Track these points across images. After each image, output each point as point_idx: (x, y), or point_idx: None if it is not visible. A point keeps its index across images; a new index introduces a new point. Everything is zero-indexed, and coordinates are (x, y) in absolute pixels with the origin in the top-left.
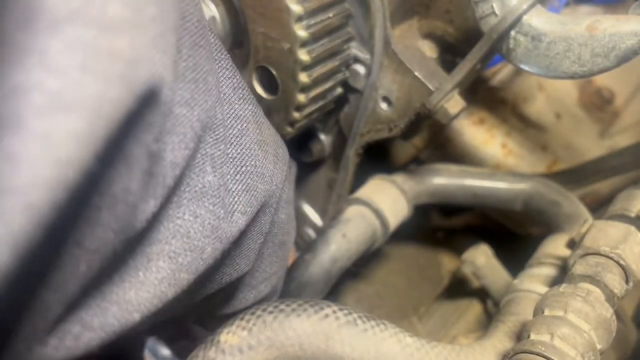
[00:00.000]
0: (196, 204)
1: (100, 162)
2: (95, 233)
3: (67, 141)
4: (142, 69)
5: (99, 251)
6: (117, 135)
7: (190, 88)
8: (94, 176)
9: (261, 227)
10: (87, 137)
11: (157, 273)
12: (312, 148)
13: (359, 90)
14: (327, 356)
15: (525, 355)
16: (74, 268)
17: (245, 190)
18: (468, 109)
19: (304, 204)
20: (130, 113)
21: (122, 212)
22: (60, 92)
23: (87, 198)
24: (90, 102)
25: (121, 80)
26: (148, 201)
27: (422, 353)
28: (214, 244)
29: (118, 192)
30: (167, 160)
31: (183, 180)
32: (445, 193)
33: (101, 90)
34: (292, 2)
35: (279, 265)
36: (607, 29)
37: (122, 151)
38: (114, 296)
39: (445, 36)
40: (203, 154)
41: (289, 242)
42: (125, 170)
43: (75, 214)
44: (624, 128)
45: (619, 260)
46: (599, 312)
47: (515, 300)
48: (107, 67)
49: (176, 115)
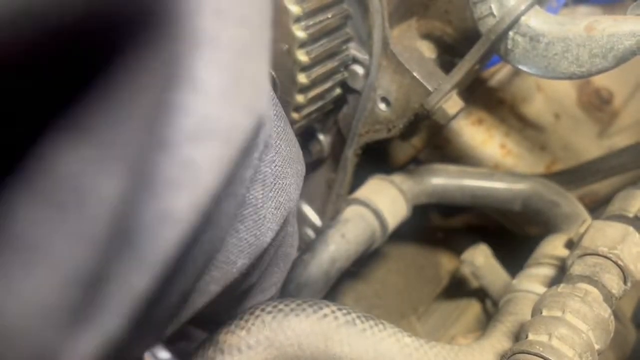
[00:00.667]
0: (240, 220)
1: (225, 185)
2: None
3: (209, 168)
4: (261, 97)
5: (191, 278)
6: (237, 163)
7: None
8: (217, 201)
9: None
10: (224, 163)
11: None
12: (311, 148)
13: (357, 90)
14: (326, 356)
15: (524, 355)
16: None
17: (275, 208)
18: (466, 109)
19: (303, 204)
20: (248, 142)
21: (217, 237)
22: (208, 119)
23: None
24: (227, 127)
25: (249, 109)
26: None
27: (420, 353)
28: (244, 259)
29: (221, 217)
30: (245, 181)
31: (243, 199)
32: (444, 193)
33: (234, 116)
34: (291, 3)
35: (279, 276)
36: (605, 29)
37: (232, 178)
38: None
39: (444, 37)
40: (261, 171)
41: (292, 255)
42: (231, 196)
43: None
44: (623, 128)
45: (617, 260)
46: (596, 312)
47: (514, 300)
48: (241, 92)
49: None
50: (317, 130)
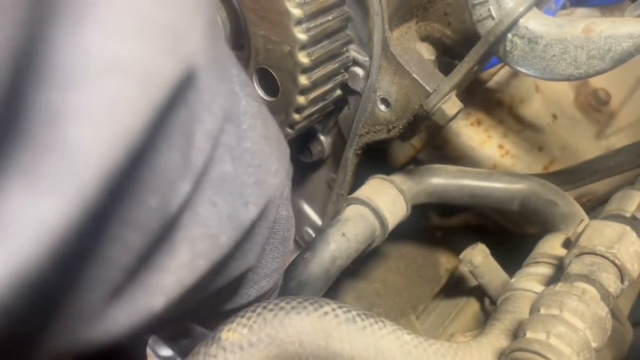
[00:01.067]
0: (215, 193)
1: (151, 131)
2: (140, 209)
3: (127, 104)
4: (186, 44)
5: (142, 230)
6: (164, 107)
7: (215, 77)
8: (145, 145)
9: (268, 222)
10: (144, 103)
11: (178, 259)
12: (311, 149)
13: (358, 92)
14: (326, 353)
15: (522, 353)
16: (121, 245)
17: (256, 183)
18: (465, 110)
19: (303, 204)
20: (175, 86)
21: (163, 191)
22: (118, 57)
23: (138, 170)
24: (144, 68)
25: (169, 52)
26: (183, 184)
27: (420, 350)
28: (228, 232)
29: (160, 168)
30: (196, 145)
31: (207, 169)
32: (444, 193)
33: (153, 59)
34: (292, 6)
35: (280, 262)
36: (603, 31)
37: (166, 126)
38: (142, 280)
39: (443, 38)
40: (223, 143)
41: (289, 239)
42: (167, 146)
43: (127, 182)
44: (620, 129)
45: (614, 259)
46: (594, 311)
47: (512, 298)
48: (157, 36)
49: (206, 102)
50: (317, 131)
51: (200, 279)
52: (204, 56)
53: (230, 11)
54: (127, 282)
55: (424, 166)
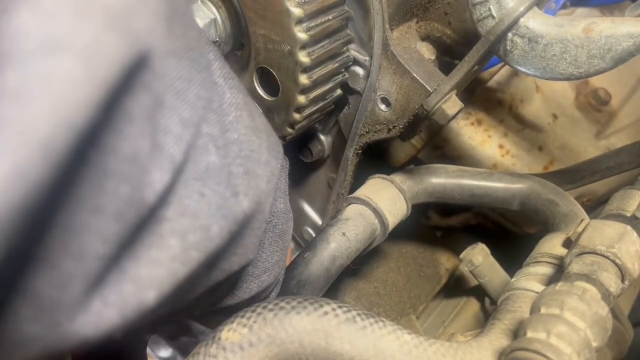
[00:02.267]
0: (202, 184)
1: (102, 112)
2: (108, 196)
3: (66, 82)
4: (134, 24)
5: (114, 218)
6: (116, 87)
7: (186, 65)
8: (98, 127)
9: (263, 214)
10: (86, 80)
11: (168, 251)
12: (312, 148)
13: (358, 91)
14: (326, 353)
15: (522, 352)
16: (93, 233)
17: (245, 174)
18: (466, 109)
19: (304, 204)
20: (125, 67)
21: (132, 176)
22: (53, 36)
23: (96, 152)
24: (85, 47)
25: (114, 31)
26: (156, 171)
27: (420, 350)
28: (219, 222)
29: (125, 153)
30: (171, 132)
31: (189, 159)
32: (444, 192)
33: (96, 37)
34: (293, 5)
35: (280, 255)
36: (603, 30)
37: (122, 107)
38: (130, 273)
39: (444, 38)
40: (206, 133)
41: (288, 233)
42: (129, 129)
43: (84, 167)
44: (620, 128)
45: (614, 259)
46: (594, 310)
47: (512, 298)
48: (100, 15)
49: (177, 90)
50: (318, 131)
51: (194, 271)
52: (162, 40)
53: (230, 11)
54: (108, 272)
55: (424, 166)
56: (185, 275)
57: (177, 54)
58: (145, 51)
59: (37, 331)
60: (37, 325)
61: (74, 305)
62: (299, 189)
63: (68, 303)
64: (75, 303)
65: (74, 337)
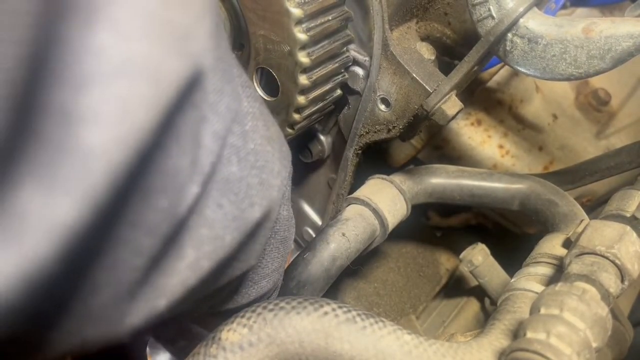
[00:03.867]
0: (221, 194)
1: (160, 132)
2: (150, 211)
3: (139, 104)
4: (193, 44)
5: (152, 232)
6: (173, 108)
7: (219, 77)
8: (154, 146)
9: (270, 222)
10: (155, 103)
11: (184, 260)
12: (311, 149)
13: (358, 91)
14: (326, 353)
15: (522, 353)
16: (131, 247)
17: (260, 184)
18: (465, 110)
19: (304, 204)
20: (183, 87)
21: (172, 193)
22: (130, 58)
23: (145, 170)
24: (155, 69)
25: (178, 52)
26: (192, 186)
27: (420, 350)
28: (233, 233)
29: (170, 170)
30: (205, 146)
31: (214, 171)
32: (443, 193)
33: (163, 59)
34: (293, 5)
35: (280, 262)
36: (603, 31)
37: (174, 127)
38: (151, 282)
39: (443, 38)
40: (230, 144)
41: (290, 239)
42: (176, 147)
43: (134, 185)
44: (620, 128)
45: (614, 259)
46: (594, 310)
47: (512, 298)
48: (167, 36)
49: (211, 103)
50: (318, 131)
51: (203, 279)
52: (211, 56)
53: (230, 11)
54: (139, 284)
55: (424, 166)
56: (194, 283)
57: (216, 67)
58: (200, 70)
59: (61, 337)
60: (62, 332)
61: (103, 315)
62: (299, 189)
63: (97, 313)
64: (105, 313)
65: (91, 343)
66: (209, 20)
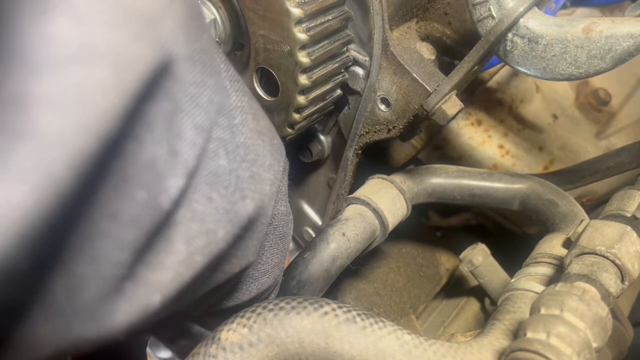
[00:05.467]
0: (210, 188)
1: (126, 120)
2: (127, 203)
3: (99, 91)
4: (161, 31)
5: (131, 224)
6: (141, 96)
7: (200, 69)
8: (121, 135)
9: (266, 217)
10: (117, 90)
11: (175, 255)
12: (311, 149)
13: (358, 91)
14: (326, 353)
15: (522, 353)
16: (111, 240)
17: (251, 177)
18: (466, 110)
19: (304, 204)
20: (151, 74)
21: (151, 185)
22: (88, 44)
23: (116, 160)
24: (117, 55)
25: (143, 38)
26: (173, 178)
27: (420, 350)
28: (225, 227)
29: (144, 160)
30: (186, 138)
31: (200, 164)
32: (444, 193)
33: (126, 46)
34: (292, 5)
35: (280, 258)
36: (603, 31)
37: (145, 115)
38: (140, 278)
39: (443, 38)
40: (216, 137)
41: (288, 235)
42: (149, 136)
43: (105, 175)
44: (620, 128)
45: (614, 259)
46: (594, 310)
47: (512, 298)
48: (130, 23)
49: (191, 95)
50: (318, 131)
51: (197, 274)
52: (183, 45)
53: (230, 11)
54: (125, 279)
55: (424, 166)
56: (189, 279)
57: (192, 58)
58: (169, 58)
59: (49, 334)
60: (49, 329)
61: (90, 311)
62: (299, 189)
63: (83, 308)
64: (91, 309)
65: (83, 341)
66: (178, 7)
